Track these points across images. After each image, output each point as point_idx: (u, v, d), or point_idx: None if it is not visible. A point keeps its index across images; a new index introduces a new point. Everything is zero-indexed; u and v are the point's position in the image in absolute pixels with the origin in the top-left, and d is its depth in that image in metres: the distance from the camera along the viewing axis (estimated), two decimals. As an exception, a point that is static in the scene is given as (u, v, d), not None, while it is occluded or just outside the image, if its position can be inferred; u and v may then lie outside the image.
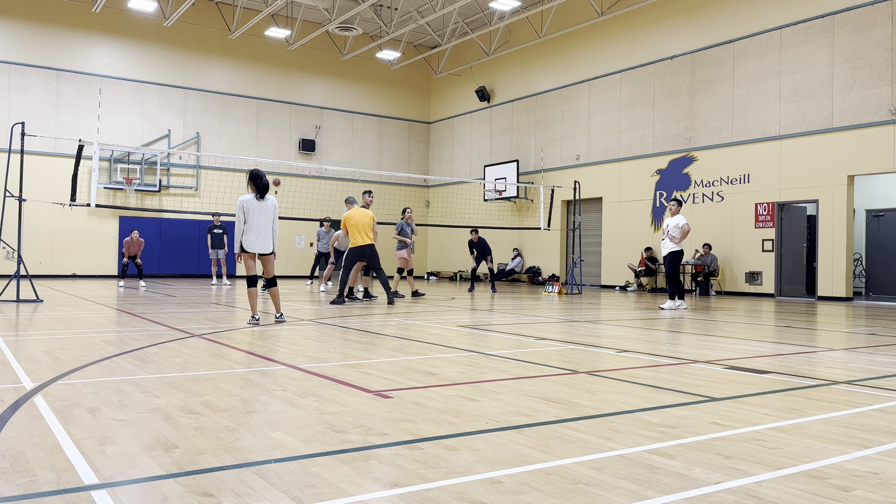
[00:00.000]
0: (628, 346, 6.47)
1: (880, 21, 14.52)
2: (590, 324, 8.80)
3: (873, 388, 4.39)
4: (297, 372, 4.66)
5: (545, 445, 2.91)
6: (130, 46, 21.73)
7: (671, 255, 11.78)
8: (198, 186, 22.55)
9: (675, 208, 12.00)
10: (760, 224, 16.62)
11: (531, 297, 15.24)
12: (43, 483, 2.34)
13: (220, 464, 2.59)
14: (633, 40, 19.77)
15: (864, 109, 14.72)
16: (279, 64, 24.18)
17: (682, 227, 11.63)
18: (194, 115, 22.67)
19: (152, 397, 3.77)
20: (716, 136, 17.59)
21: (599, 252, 20.56)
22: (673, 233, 11.71)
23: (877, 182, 17.50)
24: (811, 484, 2.46)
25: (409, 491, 2.32)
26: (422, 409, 3.55)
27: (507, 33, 23.67)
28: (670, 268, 11.84)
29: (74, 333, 6.75)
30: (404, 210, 14.35)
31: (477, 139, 25.38)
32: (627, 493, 2.33)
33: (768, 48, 16.50)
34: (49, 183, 19.64)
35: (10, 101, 19.85)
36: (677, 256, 11.79)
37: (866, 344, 7.05)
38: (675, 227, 11.72)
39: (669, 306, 11.57)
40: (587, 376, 4.69)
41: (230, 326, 7.64)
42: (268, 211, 7.85)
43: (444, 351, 5.88)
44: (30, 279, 11.32)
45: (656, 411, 3.60)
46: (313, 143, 24.67)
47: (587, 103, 21.07)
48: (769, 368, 5.15)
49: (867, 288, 17.95)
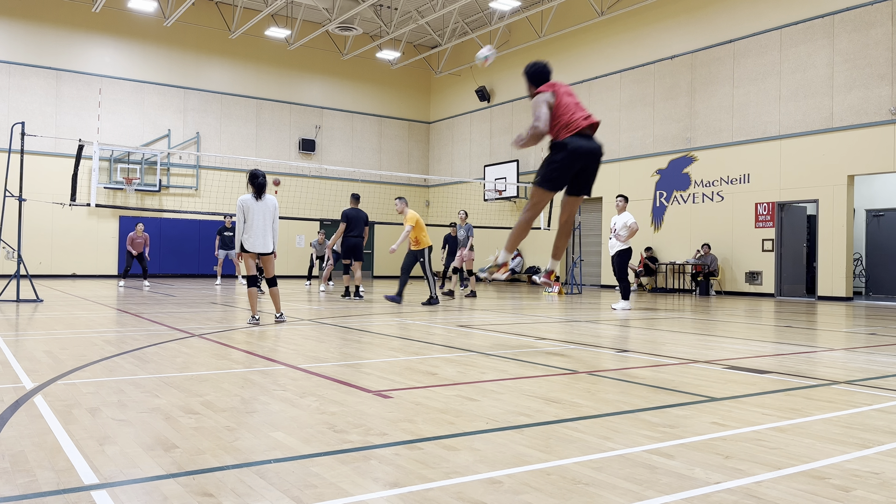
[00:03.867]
0: (628, 346, 6.47)
1: (880, 21, 14.52)
2: (590, 324, 8.80)
3: (873, 388, 4.39)
4: (297, 372, 4.66)
5: (545, 445, 2.91)
6: (130, 46, 21.73)
7: (618, 254, 11.49)
8: (198, 186, 22.55)
9: (621, 205, 11.69)
10: (760, 224, 16.62)
11: (531, 297, 15.24)
12: (43, 483, 2.34)
13: (220, 464, 2.59)
14: (633, 40, 19.77)
15: (864, 109, 14.72)
16: (279, 64, 24.18)
17: (631, 226, 11.33)
18: (194, 115, 22.67)
19: (152, 397, 3.77)
20: (716, 135, 17.59)
21: (599, 252, 20.56)
22: (621, 232, 11.41)
23: (877, 182, 17.50)
24: (811, 484, 2.46)
25: (409, 491, 2.32)
26: (422, 409, 3.55)
27: (507, 33, 23.67)
28: (618, 267, 11.57)
29: (74, 333, 6.75)
30: (461, 213, 15.45)
31: (477, 139, 25.38)
32: (627, 493, 2.33)
33: (768, 48, 16.50)
34: (49, 183, 19.65)
35: (10, 101, 19.85)
36: (625, 255, 11.51)
37: (866, 344, 7.05)
38: (623, 225, 11.40)
39: (622, 307, 11.25)
40: (587, 376, 4.69)
41: (230, 326, 7.64)
42: (267, 211, 7.84)
43: (444, 351, 5.88)
44: (30, 279, 11.32)
45: (656, 411, 3.60)
46: (313, 143, 24.67)
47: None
48: (769, 368, 5.15)
49: (867, 288, 17.95)
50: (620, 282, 11.62)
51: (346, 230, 12.78)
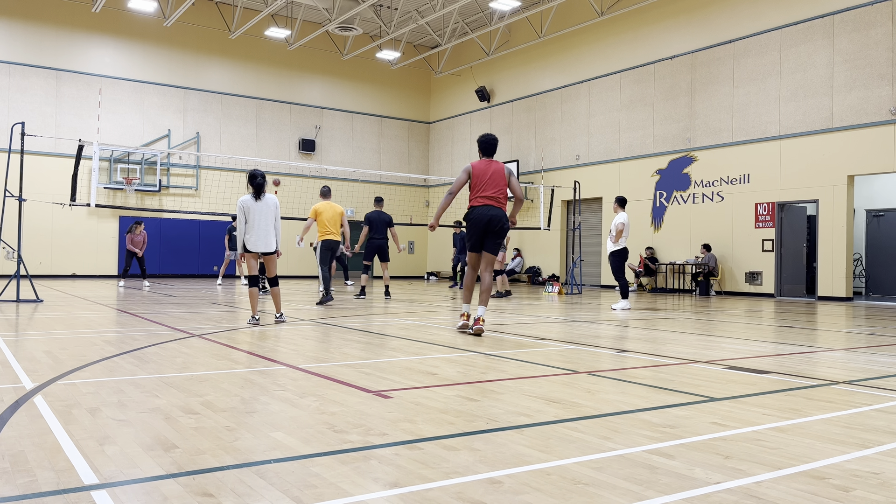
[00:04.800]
0: (628, 346, 6.47)
1: (880, 21, 14.52)
2: (590, 324, 8.80)
3: (873, 388, 4.39)
4: (297, 372, 4.66)
5: (545, 445, 2.91)
6: (130, 46, 21.73)
7: (613, 254, 11.61)
8: (198, 186, 22.55)
9: (615, 207, 11.87)
10: (760, 224, 16.62)
11: (531, 297, 15.24)
12: (43, 483, 2.34)
13: (220, 464, 2.59)
14: (633, 40, 19.78)
15: (864, 109, 14.72)
16: (279, 64, 24.19)
17: (617, 226, 11.47)
18: (194, 115, 22.67)
19: (152, 397, 3.77)
20: (716, 136, 17.59)
21: (599, 252, 20.56)
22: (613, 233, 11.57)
23: (877, 182, 17.50)
24: (811, 484, 2.46)
25: (409, 491, 2.32)
26: (422, 409, 3.55)
27: (507, 33, 23.67)
28: (613, 268, 11.65)
29: (74, 333, 6.75)
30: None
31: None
32: (627, 493, 2.33)
33: (768, 48, 16.50)
34: (49, 183, 19.64)
35: (10, 101, 19.86)
36: (619, 256, 11.60)
37: (866, 344, 7.05)
38: (614, 226, 11.59)
39: (621, 307, 11.35)
40: (587, 376, 4.69)
41: (230, 326, 7.64)
42: (267, 210, 7.82)
43: (444, 351, 5.88)
44: (30, 279, 11.32)
45: (656, 411, 3.60)
46: (313, 143, 24.67)
47: (587, 103, 21.07)
48: (769, 368, 5.15)
49: (867, 288, 17.95)
50: (619, 281, 11.70)
51: (369, 232, 13.06)
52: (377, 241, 13.04)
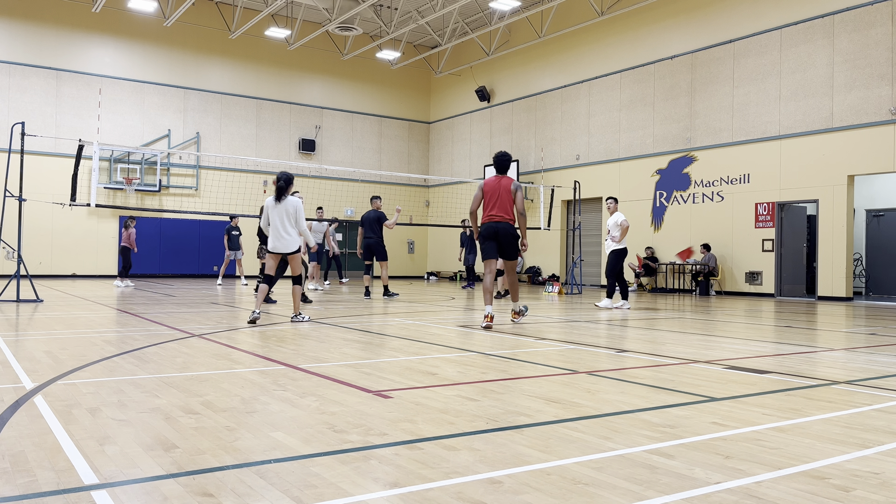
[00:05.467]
0: (628, 346, 6.47)
1: (880, 21, 14.52)
2: (590, 324, 8.80)
3: (873, 388, 4.39)
4: (297, 372, 4.66)
5: (545, 445, 2.91)
6: (130, 46, 21.73)
7: (613, 253, 11.57)
8: (198, 186, 22.55)
9: (612, 207, 11.85)
10: (760, 224, 16.63)
11: (531, 297, 15.23)
12: (43, 483, 2.34)
13: (220, 464, 2.59)
14: (633, 40, 19.78)
15: (864, 109, 14.72)
16: (279, 64, 24.19)
17: (621, 224, 11.42)
18: (194, 115, 22.67)
19: (152, 397, 3.77)
20: (716, 135, 17.59)
21: (599, 252, 20.55)
22: (613, 232, 11.52)
23: (877, 182, 17.50)
24: (811, 484, 2.46)
25: (409, 491, 2.32)
26: (422, 409, 3.55)
27: (507, 33, 23.67)
28: (609, 266, 11.63)
29: (74, 333, 6.75)
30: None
31: (477, 139, 25.38)
32: (627, 493, 2.33)
33: (768, 48, 16.50)
34: (49, 183, 19.65)
35: (10, 101, 19.86)
36: (619, 255, 11.58)
37: (866, 344, 7.05)
38: (614, 225, 11.53)
39: (619, 305, 11.39)
40: (587, 376, 4.69)
41: (230, 326, 7.64)
42: (286, 212, 8.04)
43: (444, 351, 5.88)
44: (30, 279, 11.32)
45: (656, 411, 3.60)
46: (313, 143, 24.67)
47: (587, 103, 21.07)
48: (769, 368, 5.15)
49: (867, 288, 17.95)
50: (609, 278, 11.69)
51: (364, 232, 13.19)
52: (367, 240, 13.14)
